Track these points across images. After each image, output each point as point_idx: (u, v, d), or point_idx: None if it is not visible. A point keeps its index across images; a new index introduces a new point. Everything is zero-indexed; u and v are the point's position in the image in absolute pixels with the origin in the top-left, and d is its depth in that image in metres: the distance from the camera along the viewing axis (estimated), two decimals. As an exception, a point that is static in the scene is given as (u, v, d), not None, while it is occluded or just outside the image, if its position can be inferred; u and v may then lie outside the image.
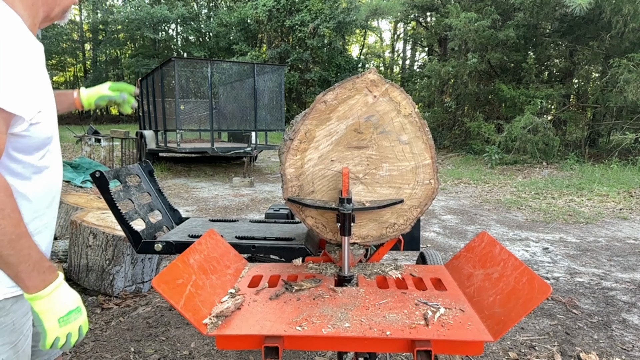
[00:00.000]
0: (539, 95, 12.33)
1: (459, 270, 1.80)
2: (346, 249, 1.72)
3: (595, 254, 4.57)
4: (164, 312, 3.02)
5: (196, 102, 12.17)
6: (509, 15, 13.57)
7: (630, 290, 3.59)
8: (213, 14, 30.74)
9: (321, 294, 1.60)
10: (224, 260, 1.79)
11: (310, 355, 2.49)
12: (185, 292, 1.40)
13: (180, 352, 2.51)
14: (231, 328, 1.35)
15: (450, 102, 15.95)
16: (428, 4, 16.52)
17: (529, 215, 6.41)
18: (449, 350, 1.34)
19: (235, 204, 7.04)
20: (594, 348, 2.64)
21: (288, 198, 1.82)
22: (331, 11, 21.39)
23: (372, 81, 1.71)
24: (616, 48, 11.99)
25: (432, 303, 1.52)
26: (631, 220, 6.13)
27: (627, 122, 11.78)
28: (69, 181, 8.32)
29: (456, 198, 7.78)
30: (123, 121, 33.73)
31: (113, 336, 2.69)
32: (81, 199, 4.34)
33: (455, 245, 4.87)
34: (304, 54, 22.46)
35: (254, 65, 10.41)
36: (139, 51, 33.41)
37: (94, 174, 2.15)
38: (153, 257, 3.44)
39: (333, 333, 1.32)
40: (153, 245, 2.28)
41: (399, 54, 32.23)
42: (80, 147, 11.61)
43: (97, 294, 3.27)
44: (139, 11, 27.59)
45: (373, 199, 1.80)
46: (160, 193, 2.75)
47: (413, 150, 1.76)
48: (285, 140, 1.82)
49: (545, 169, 11.00)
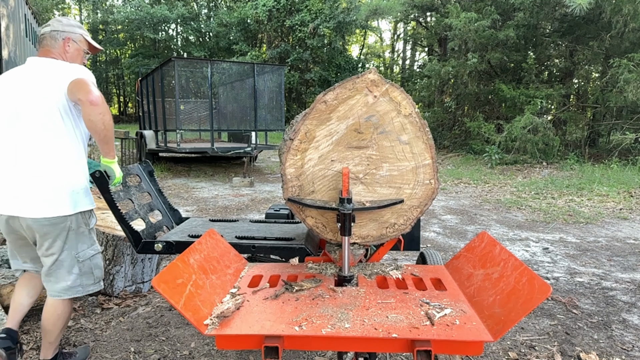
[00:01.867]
0: (539, 95, 12.33)
1: (459, 270, 1.80)
2: (346, 249, 1.72)
3: (595, 254, 4.57)
4: (164, 312, 3.02)
5: (196, 102, 12.17)
6: (509, 15, 13.56)
7: (630, 290, 3.59)
8: (213, 14, 30.73)
9: (321, 294, 1.60)
10: (224, 260, 1.79)
11: (310, 355, 2.49)
12: (185, 292, 1.40)
13: (180, 352, 2.51)
14: (231, 328, 1.35)
15: (450, 102, 15.95)
16: (428, 4, 16.51)
17: (529, 215, 6.41)
18: (449, 350, 1.34)
19: (235, 204, 7.04)
20: (594, 348, 2.64)
21: (288, 198, 1.82)
22: (331, 11, 21.38)
23: (372, 81, 1.71)
24: (616, 48, 11.99)
25: (434, 303, 1.52)
26: (631, 220, 6.13)
27: (627, 122, 11.78)
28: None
29: (456, 198, 7.78)
30: (123, 121, 33.74)
31: (113, 336, 2.69)
32: (81, 199, 4.33)
33: (455, 245, 4.87)
34: (304, 54, 22.46)
35: (254, 65, 10.41)
36: (139, 51, 33.40)
37: (94, 174, 2.15)
38: (153, 257, 3.44)
39: (333, 333, 1.32)
40: (153, 245, 2.28)
41: (399, 54, 32.23)
42: (80, 147, 11.58)
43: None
44: (139, 11, 27.59)
45: (373, 199, 1.80)
46: (160, 193, 2.75)
47: (413, 150, 1.76)
48: (285, 140, 1.82)
49: (545, 169, 11.00)
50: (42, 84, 2.02)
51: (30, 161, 1.99)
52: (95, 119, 1.96)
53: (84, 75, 2.06)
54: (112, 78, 39.43)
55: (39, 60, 2.11)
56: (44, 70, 2.06)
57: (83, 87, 1.97)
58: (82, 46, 2.25)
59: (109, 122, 2.02)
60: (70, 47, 2.19)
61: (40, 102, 2.00)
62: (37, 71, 2.07)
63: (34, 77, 2.04)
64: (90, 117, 1.96)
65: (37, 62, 2.11)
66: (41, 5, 32.63)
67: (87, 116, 1.97)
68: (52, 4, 36.02)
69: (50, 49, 2.14)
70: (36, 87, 2.01)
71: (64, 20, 2.23)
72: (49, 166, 2.00)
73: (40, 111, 1.99)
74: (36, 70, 2.07)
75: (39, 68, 2.08)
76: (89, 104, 1.94)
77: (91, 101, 1.94)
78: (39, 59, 2.12)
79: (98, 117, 1.96)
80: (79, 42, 2.23)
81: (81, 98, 1.95)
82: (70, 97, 2.01)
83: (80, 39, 2.23)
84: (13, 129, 2.01)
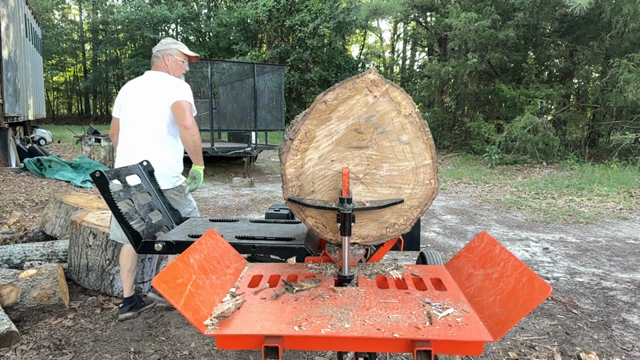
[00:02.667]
0: (539, 95, 12.33)
1: (459, 270, 1.80)
2: (346, 249, 1.72)
3: (595, 254, 4.57)
4: (164, 312, 3.02)
5: (196, 102, 12.13)
6: (509, 15, 13.57)
7: (630, 290, 3.59)
8: (213, 14, 30.73)
9: (321, 294, 1.60)
10: (224, 260, 1.79)
11: (310, 355, 2.49)
12: (185, 292, 1.40)
13: (180, 352, 2.51)
14: (231, 328, 1.35)
15: (450, 102, 15.95)
16: (428, 4, 16.51)
17: (529, 215, 6.41)
18: (449, 350, 1.34)
19: (235, 204, 7.04)
20: (594, 348, 2.64)
21: (288, 198, 1.82)
22: (331, 11, 21.38)
23: (372, 81, 1.71)
24: (616, 48, 11.99)
25: (435, 303, 1.52)
26: (631, 220, 6.13)
27: (627, 122, 11.78)
28: (69, 181, 8.32)
29: (456, 198, 7.78)
30: (123, 121, 33.68)
31: (113, 336, 2.69)
32: (81, 199, 4.34)
33: (455, 245, 4.87)
34: (304, 54, 22.45)
35: (254, 65, 10.41)
36: (139, 51, 33.40)
37: (94, 174, 2.15)
38: (153, 257, 3.44)
39: (333, 333, 1.32)
40: (153, 245, 2.27)
41: (399, 54, 32.23)
42: (81, 147, 11.61)
43: (97, 294, 3.27)
44: (139, 11, 27.59)
45: (373, 199, 1.80)
46: (160, 193, 2.75)
47: (413, 150, 1.76)
48: (285, 140, 1.82)
49: (545, 169, 11.00)
50: (152, 95, 2.74)
51: (140, 149, 2.70)
52: (187, 138, 2.74)
53: (183, 97, 2.72)
54: (112, 78, 39.42)
55: (151, 74, 2.84)
56: (155, 83, 2.78)
57: (180, 114, 2.69)
58: (178, 58, 2.87)
59: (197, 140, 2.77)
60: (169, 60, 2.84)
61: (150, 110, 2.72)
62: (150, 83, 2.79)
63: (148, 88, 2.77)
64: (184, 136, 2.74)
65: (150, 75, 2.84)
66: (41, 5, 32.63)
67: (182, 135, 2.77)
68: (52, 4, 36.03)
69: (157, 65, 2.86)
70: (149, 97, 2.74)
71: (162, 41, 2.90)
72: (153, 154, 2.67)
73: (149, 115, 2.73)
74: (149, 82, 2.80)
75: (151, 80, 2.80)
76: (183, 127, 2.73)
77: (185, 125, 2.71)
78: (152, 72, 2.85)
79: (189, 137, 2.74)
80: (175, 55, 2.85)
81: (178, 122, 2.72)
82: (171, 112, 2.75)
83: (176, 52, 2.85)
84: (133, 123, 2.75)
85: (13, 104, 9.06)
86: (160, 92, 2.72)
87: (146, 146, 2.72)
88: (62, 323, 2.83)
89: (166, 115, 2.73)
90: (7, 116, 8.83)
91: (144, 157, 2.56)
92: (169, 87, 2.72)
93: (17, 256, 3.40)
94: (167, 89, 2.72)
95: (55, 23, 37.22)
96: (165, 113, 2.72)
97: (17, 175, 8.37)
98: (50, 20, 35.84)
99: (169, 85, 2.74)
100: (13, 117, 9.31)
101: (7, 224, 4.38)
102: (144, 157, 2.53)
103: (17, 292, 2.78)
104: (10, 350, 2.48)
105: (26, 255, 3.42)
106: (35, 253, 3.47)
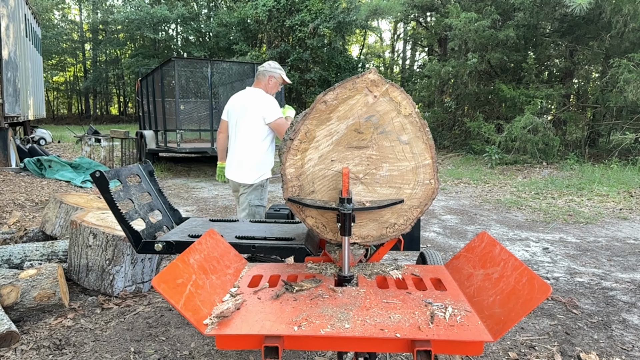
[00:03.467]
0: (539, 95, 12.32)
1: (459, 270, 1.80)
2: (346, 249, 1.72)
3: (595, 254, 4.57)
4: (164, 312, 3.02)
5: (196, 102, 12.17)
6: (509, 15, 13.56)
7: (630, 290, 3.59)
8: (213, 14, 30.72)
9: (321, 294, 1.60)
10: (224, 260, 1.79)
11: (310, 355, 2.49)
12: (185, 292, 1.40)
13: (180, 352, 2.51)
14: (231, 328, 1.35)
15: (450, 102, 15.94)
16: (428, 4, 16.51)
17: (529, 215, 6.41)
18: (449, 350, 1.34)
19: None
20: (594, 348, 2.64)
21: (288, 198, 1.82)
22: (331, 11, 21.36)
23: (372, 81, 1.71)
24: (616, 48, 11.99)
25: (437, 303, 1.52)
26: (631, 220, 6.13)
27: (627, 122, 11.77)
28: (69, 181, 8.32)
29: (456, 198, 7.79)
30: (123, 121, 33.74)
31: (113, 336, 2.69)
32: (81, 199, 4.34)
33: (455, 245, 4.87)
34: (304, 54, 22.42)
35: (254, 65, 10.40)
36: (139, 51, 33.40)
37: (94, 174, 2.15)
38: (153, 257, 3.44)
39: (332, 333, 1.32)
40: (153, 245, 2.28)
41: (399, 54, 32.21)
42: (80, 147, 11.62)
43: (97, 294, 3.27)
44: (139, 11, 27.58)
45: (373, 199, 1.80)
46: (160, 193, 2.75)
47: (413, 150, 1.76)
48: (285, 140, 1.82)
49: (545, 169, 11.00)
50: (252, 108, 3.36)
51: (242, 152, 3.41)
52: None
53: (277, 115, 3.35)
54: (112, 78, 39.43)
55: (253, 90, 3.48)
56: (255, 98, 3.41)
57: (279, 129, 3.33)
58: (278, 81, 3.54)
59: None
60: (271, 81, 3.50)
61: (249, 119, 3.37)
62: (251, 97, 3.43)
63: (249, 101, 3.41)
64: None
65: (252, 90, 3.48)
66: (41, 5, 32.63)
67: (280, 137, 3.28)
68: (52, 4, 36.03)
69: (260, 81, 3.50)
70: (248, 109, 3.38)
71: (272, 64, 3.54)
72: (250, 155, 3.39)
73: (249, 123, 3.38)
74: (250, 97, 3.44)
75: (252, 95, 3.44)
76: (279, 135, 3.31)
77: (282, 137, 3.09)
78: (253, 88, 3.50)
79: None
80: (277, 78, 3.52)
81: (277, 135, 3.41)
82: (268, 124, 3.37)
83: (278, 76, 3.52)
84: (235, 128, 3.44)
85: (13, 104, 9.07)
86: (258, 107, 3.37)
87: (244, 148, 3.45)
88: (62, 323, 2.83)
89: (260, 124, 3.41)
90: (7, 116, 8.84)
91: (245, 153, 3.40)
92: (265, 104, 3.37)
93: (17, 256, 3.40)
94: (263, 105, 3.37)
95: (55, 23, 37.21)
96: (260, 122, 3.40)
97: (17, 175, 8.37)
98: (50, 20, 35.83)
99: (266, 103, 3.38)
100: (13, 117, 9.32)
101: (7, 224, 4.39)
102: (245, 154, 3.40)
103: (17, 292, 2.78)
104: (10, 350, 2.48)
105: (26, 255, 3.42)
106: (35, 253, 3.47)
